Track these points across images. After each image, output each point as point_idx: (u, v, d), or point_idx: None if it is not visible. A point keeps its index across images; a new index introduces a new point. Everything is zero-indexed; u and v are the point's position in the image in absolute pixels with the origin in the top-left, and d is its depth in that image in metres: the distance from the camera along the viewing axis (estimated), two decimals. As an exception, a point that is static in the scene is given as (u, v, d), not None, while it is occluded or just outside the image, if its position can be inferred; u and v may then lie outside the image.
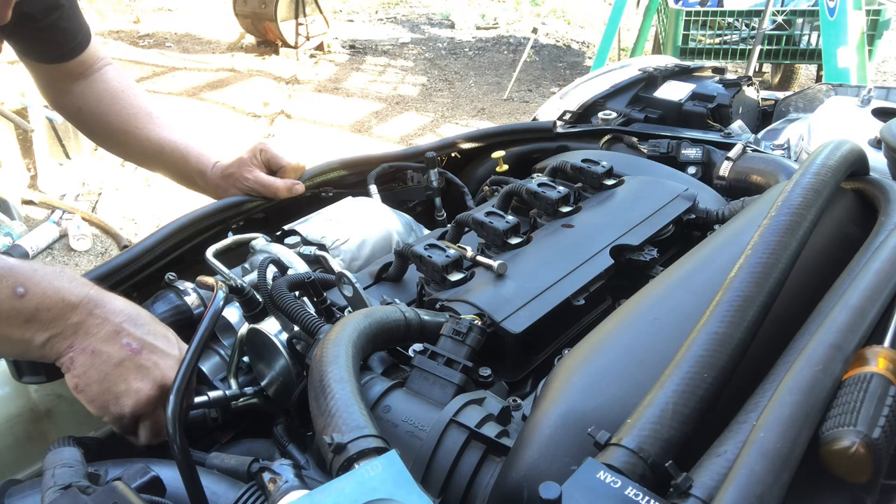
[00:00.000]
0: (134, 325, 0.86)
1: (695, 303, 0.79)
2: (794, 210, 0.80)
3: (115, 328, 0.85)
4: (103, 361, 0.83)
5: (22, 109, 4.30)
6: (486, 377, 0.91)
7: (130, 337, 0.85)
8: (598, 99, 1.92)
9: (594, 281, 1.08)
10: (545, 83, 6.54)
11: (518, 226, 1.18)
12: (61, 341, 0.82)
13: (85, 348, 0.83)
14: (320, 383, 0.74)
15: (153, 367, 0.85)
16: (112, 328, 0.84)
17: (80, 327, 0.83)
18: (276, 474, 0.68)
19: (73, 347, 0.83)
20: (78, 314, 0.83)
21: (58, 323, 0.82)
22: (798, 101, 1.98)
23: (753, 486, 0.54)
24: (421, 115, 5.90)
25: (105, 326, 0.84)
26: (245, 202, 1.39)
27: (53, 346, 0.82)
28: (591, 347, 0.81)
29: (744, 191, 1.41)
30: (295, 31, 6.91)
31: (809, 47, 4.86)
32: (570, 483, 0.58)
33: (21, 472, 0.90)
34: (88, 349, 0.83)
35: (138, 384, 0.84)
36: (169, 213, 4.00)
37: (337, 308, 1.01)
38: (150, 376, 0.85)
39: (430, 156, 1.59)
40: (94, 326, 0.83)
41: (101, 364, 0.83)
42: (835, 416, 0.60)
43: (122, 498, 0.64)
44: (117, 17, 8.24)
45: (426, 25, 8.60)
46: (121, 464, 0.76)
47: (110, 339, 0.84)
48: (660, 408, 0.63)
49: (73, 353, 0.83)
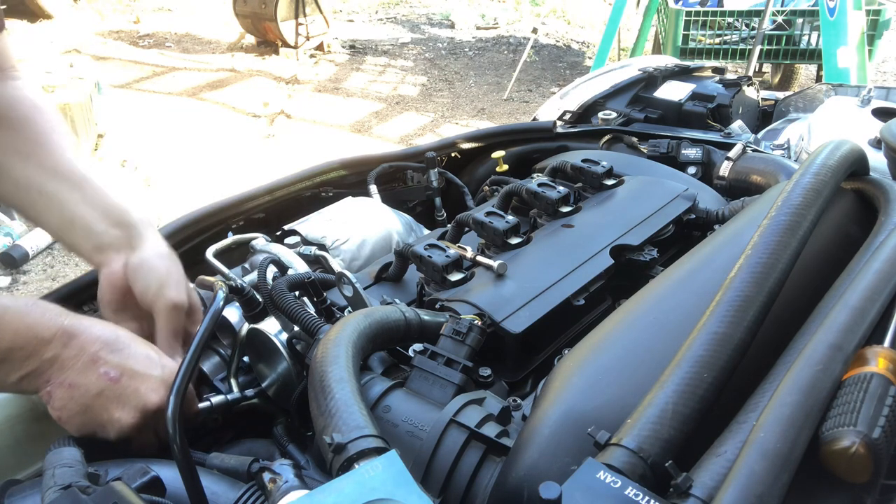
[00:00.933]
0: (111, 352, 0.82)
1: (695, 303, 0.79)
2: (794, 210, 0.80)
3: (92, 358, 0.81)
4: (81, 394, 0.80)
5: (22, 109, 4.30)
6: (486, 377, 0.91)
7: (108, 365, 0.82)
8: (598, 99, 1.92)
9: (594, 281, 1.08)
10: (545, 83, 6.54)
11: (518, 226, 1.18)
12: (37, 377, 0.79)
13: (62, 382, 0.80)
14: (320, 383, 0.74)
15: (133, 394, 0.82)
16: (88, 358, 0.81)
17: (55, 362, 0.80)
18: (276, 474, 0.68)
19: (51, 382, 0.80)
20: (52, 348, 0.79)
21: (31, 360, 0.78)
22: (798, 101, 1.98)
23: (753, 486, 0.54)
24: (421, 115, 5.90)
25: (81, 357, 0.81)
26: (245, 201, 1.39)
27: (30, 382, 0.79)
28: (591, 347, 0.81)
29: (744, 191, 1.41)
30: (295, 31, 6.91)
31: (809, 47, 4.86)
32: (570, 483, 0.58)
33: (21, 473, 0.90)
34: (66, 383, 0.80)
35: (119, 413, 0.81)
36: (169, 213, 4.00)
37: (337, 308, 1.01)
38: (131, 404, 0.82)
39: (430, 156, 1.59)
40: (69, 359, 0.80)
41: (80, 396, 0.80)
42: (835, 416, 0.60)
43: (121, 498, 0.64)
44: (117, 17, 8.23)
45: (426, 25, 8.60)
46: (121, 464, 0.76)
47: (87, 369, 0.81)
48: (660, 408, 0.63)
49: (50, 388, 0.80)
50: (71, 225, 0.96)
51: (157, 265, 0.94)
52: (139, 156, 4.79)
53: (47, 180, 0.96)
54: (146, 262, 0.94)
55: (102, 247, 0.95)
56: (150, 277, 0.93)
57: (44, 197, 0.96)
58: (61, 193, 0.96)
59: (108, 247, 0.95)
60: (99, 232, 0.95)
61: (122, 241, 0.95)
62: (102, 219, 0.95)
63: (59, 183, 0.97)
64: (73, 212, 0.95)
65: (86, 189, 0.97)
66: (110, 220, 0.96)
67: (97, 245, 0.95)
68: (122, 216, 0.96)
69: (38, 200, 0.97)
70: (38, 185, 0.96)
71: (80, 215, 0.95)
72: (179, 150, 5.00)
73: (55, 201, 0.96)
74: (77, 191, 0.97)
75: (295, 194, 1.52)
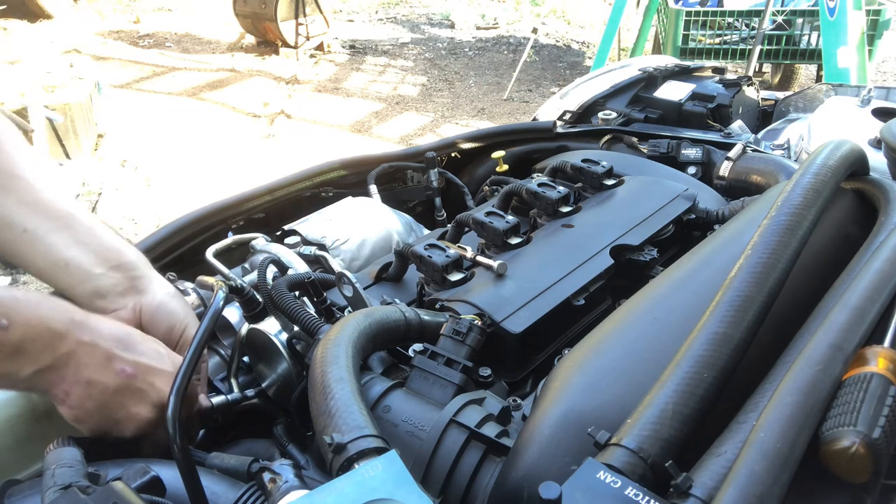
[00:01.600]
0: (125, 349, 0.82)
1: (695, 303, 0.79)
2: (794, 210, 0.80)
3: (107, 354, 0.80)
4: (100, 391, 0.80)
5: (22, 109, 4.30)
6: (486, 377, 0.91)
7: (124, 362, 0.81)
8: (598, 99, 1.92)
9: (594, 281, 1.08)
10: (545, 83, 6.54)
11: (518, 226, 1.18)
12: (51, 373, 0.78)
13: (79, 380, 0.79)
14: (320, 383, 0.74)
15: (150, 388, 0.82)
16: (104, 355, 0.80)
17: (72, 358, 0.78)
18: (276, 474, 0.68)
19: (66, 380, 0.79)
20: (66, 343, 0.78)
21: (45, 354, 0.77)
22: (798, 101, 1.98)
23: (753, 486, 0.54)
24: (421, 115, 5.90)
25: (96, 354, 0.80)
26: (245, 201, 1.39)
27: (43, 378, 0.78)
28: (591, 347, 0.81)
29: (744, 191, 1.41)
30: (295, 31, 6.91)
31: (809, 47, 4.86)
32: (570, 483, 0.58)
33: (21, 473, 0.89)
34: (83, 380, 0.79)
35: (136, 408, 0.82)
36: (169, 213, 4.00)
37: (337, 308, 1.01)
38: (148, 399, 0.83)
39: (430, 156, 1.59)
40: (85, 355, 0.79)
41: (98, 394, 0.80)
42: (835, 416, 0.60)
43: (121, 498, 0.64)
44: (117, 17, 8.23)
45: (426, 25, 8.60)
46: (121, 464, 0.76)
47: (103, 366, 0.80)
48: (660, 408, 0.63)
49: (65, 386, 0.79)
50: (64, 268, 0.90)
51: (174, 308, 0.94)
52: (139, 156, 4.79)
53: (29, 217, 0.88)
54: (164, 306, 0.93)
55: (103, 291, 0.91)
56: (171, 320, 0.93)
57: (28, 236, 0.88)
58: (48, 234, 0.89)
59: (110, 291, 0.91)
60: (97, 275, 0.90)
61: (125, 286, 0.92)
62: (99, 262, 0.90)
63: (42, 220, 0.89)
64: (63, 254, 0.89)
65: (75, 227, 0.91)
66: (107, 263, 0.91)
67: (96, 290, 0.91)
68: (118, 257, 0.92)
69: (21, 240, 0.88)
70: (20, 224, 0.88)
71: (73, 258, 0.89)
72: (179, 150, 5.00)
73: (41, 243, 0.89)
74: (65, 230, 0.90)
75: (295, 194, 1.52)
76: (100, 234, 0.92)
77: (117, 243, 0.93)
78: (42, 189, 0.90)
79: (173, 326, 0.93)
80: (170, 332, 0.93)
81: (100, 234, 0.92)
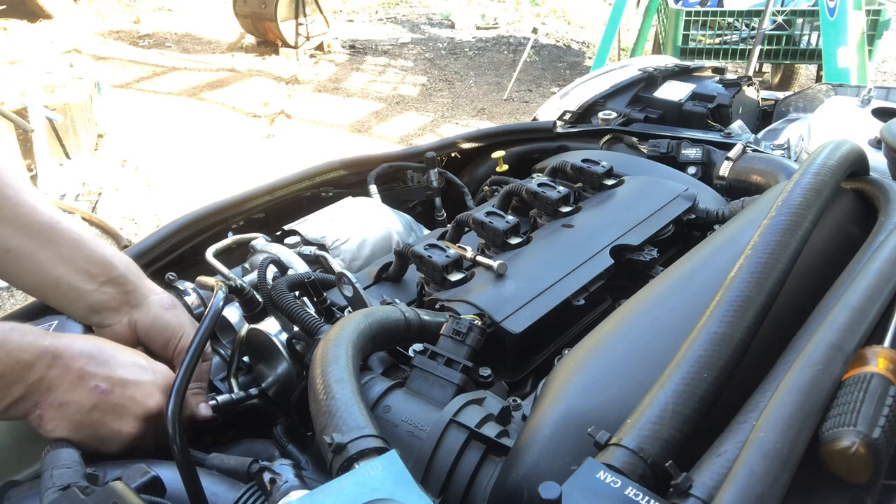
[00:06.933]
0: (98, 365, 0.80)
1: (695, 303, 0.79)
2: (794, 210, 0.80)
3: (79, 374, 0.79)
4: (74, 411, 0.78)
5: (22, 109, 4.30)
6: (486, 377, 0.91)
7: (97, 378, 0.79)
8: (598, 99, 1.92)
9: (594, 281, 1.08)
10: (545, 83, 6.54)
11: (518, 226, 1.18)
12: (24, 403, 0.77)
13: (52, 403, 0.78)
14: (320, 383, 0.74)
15: (130, 402, 0.81)
16: (75, 375, 0.79)
17: (42, 384, 0.77)
18: (276, 474, 0.68)
19: (39, 405, 0.78)
20: (36, 371, 0.77)
21: (16, 387, 0.76)
22: (798, 101, 1.98)
23: (753, 486, 0.54)
24: (421, 115, 5.90)
25: (67, 376, 0.78)
26: (245, 201, 1.39)
27: (17, 408, 0.77)
28: (591, 347, 0.81)
29: (744, 191, 1.41)
30: (295, 31, 6.91)
31: (809, 47, 4.86)
32: (570, 483, 0.58)
33: (21, 473, 0.89)
34: (56, 403, 0.78)
35: (118, 424, 0.80)
36: (169, 213, 4.00)
37: (337, 308, 1.01)
38: (131, 413, 0.81)
39: (430, 156, 1.59)
40: (55, 379, 0.78)
41: (73, 414, 0.78)
42: (835, 416, 0.60)
43: (121, 498, 0.64)
44: (117, 17, 8.23)
45: (426, 25, 8.59)
46: (120, 464, 0.76)
47: (75, 386, 0.78)
48: (660, 408, 0.63)
49: (39, 411, 0.78)
50: (55, 288, 0.89)
51: (171, 320, 0.93)
52: (139, 156, 4.79)
53: (10, 235, 0.86)
54: (158, 320, 0.92)
55: (97, 307, 0.90)
56: (167, 333, 0.92)
57: (12, 256, 0.86)
58: (34, 252, 0.87)
59: (104, 307, 0.91)
60: (89, 292, 0.89)
61: (118, 300, 0.91)
62: (88, 277, 0.89)
63: (25, 238, 0.87)
64: (51, 273, 0.88)
65: (58, 242, 0.88)
66: (97, 278, 0.90)
67: (90, 306, 0.90)
68: (108, 271, 0.90)
69: (6, 260, 0.87)
70: (2, 244, 0.86)
71: (63, 276, 0.88)
72: (179, 149, 5.00)
73: (28, 262, 0.87)
74: (49, 245, 0.88)
75: (295, 194, 1.52)
76: (85, 246, 0.90)
77: (105, 254, 0.91)
78: (20, 201, 0.87)
79: (169, 339, 0.92)
80: (166, 345, 0.93)
81: (85, 245, 0.90)
